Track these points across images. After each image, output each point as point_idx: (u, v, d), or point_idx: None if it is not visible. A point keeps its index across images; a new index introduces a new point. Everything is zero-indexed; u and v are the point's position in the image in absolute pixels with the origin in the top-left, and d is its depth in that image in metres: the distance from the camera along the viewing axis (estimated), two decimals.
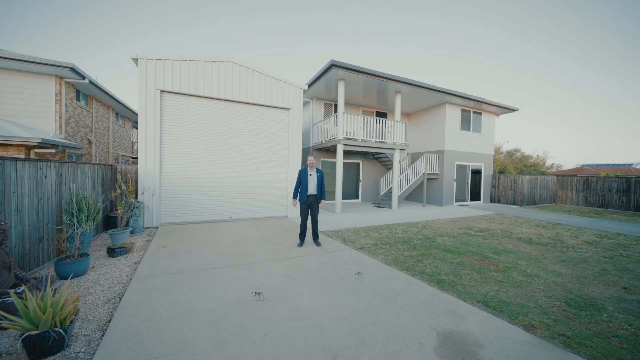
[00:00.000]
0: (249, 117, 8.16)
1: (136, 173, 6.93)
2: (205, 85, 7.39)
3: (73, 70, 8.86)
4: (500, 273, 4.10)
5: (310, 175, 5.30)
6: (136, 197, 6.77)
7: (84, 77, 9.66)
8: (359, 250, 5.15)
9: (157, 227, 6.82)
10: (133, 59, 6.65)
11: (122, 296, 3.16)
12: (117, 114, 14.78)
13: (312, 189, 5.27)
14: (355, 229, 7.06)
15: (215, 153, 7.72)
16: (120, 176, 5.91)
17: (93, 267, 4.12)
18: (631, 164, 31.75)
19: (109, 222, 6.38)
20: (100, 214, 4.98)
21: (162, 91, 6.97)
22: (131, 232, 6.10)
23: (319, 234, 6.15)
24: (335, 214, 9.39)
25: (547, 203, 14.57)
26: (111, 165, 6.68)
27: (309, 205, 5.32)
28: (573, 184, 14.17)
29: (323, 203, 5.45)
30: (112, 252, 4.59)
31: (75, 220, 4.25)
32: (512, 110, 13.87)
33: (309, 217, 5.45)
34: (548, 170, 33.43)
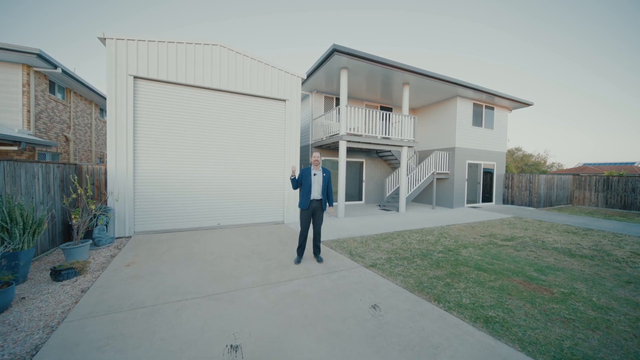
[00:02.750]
0: (239, 109, 7.14)
1: (106, 173, 5.91)
2: (187, 71, 6.38)
3: (41, 57, 7.84)
4: (561, 304, 3.11)
5: (315, 175, 4.31)
6: (105, 202, 5.75)
7: (55, 66, 8.63)
8: (370, 268, 4.15)
9: (130, 237, 5.81)
10: (100, 39, 5.63)
11: (36, 353, 2.15)
12: (101, 109, 13.74)
13: (316, 192, 4.28)
14: (362, 237, 6.06)
15: (201, 150, 6.70)
16: (75, 177, 4.89)
17: (23, 298, 3.10)
18: (633, 163, 31.25)
19: (72, 234, 5.36)
20: (46, 225, 3.97)
21: (135, 77, 5.95)
22: (95, 244, 5.09)
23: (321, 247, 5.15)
24: (337, 219, 8.40)
25: (563, 204, 13.61)
26: (75, 164, 5.66)
27: (312, 212, 4.32)
28: (592, 184, 13.21)
29: (331, 210, 4.47)
30: (56, 274, 3.58)
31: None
32: (526, 104, 12.90)
33: (311, 226, 4.46)
34: (549, 170, 32.75)
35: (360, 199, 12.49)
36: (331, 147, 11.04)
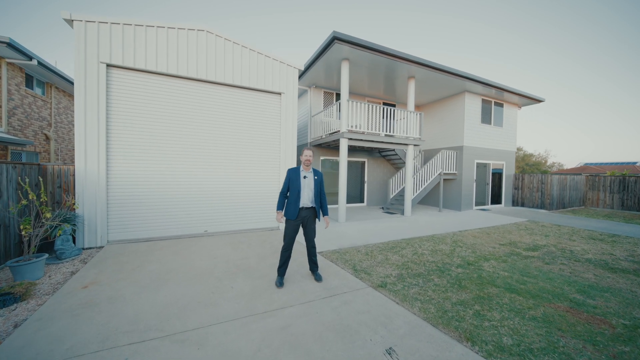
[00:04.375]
0: (230, 104, 6.43)
1: (75, 175, 5.17)
2: (169, 59, 5.66)
3: (12, 46, 7.12)
4: (631, 345, 2.40)
5: (305, 178, 3.58)
6: (73, 208, 5.03)
7: (30, 58, 7.92)
8: (379, 289, 3.44)
9: (102, 248, 5.09)
10: (66, 20, 4.92)
11: None
12: None
13: (306, 198, 3.55)
14: (366, 246, 5.35)
15: (186, 148, 5.99)
16: (27, 180, 4.16)
17: None
18: (635, 162, 31.05)
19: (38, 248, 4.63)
20: None
21: (108, 65, 5.23)
22: (57, 258, 4.37)
23: (319, 259, 4.43)
24: (338, 223, 7.69)
25: (576, 206, 12.91)
26: (38, 164, 4.94)
27: (302, 222, 3.59)
28: (606, 185, 12.51)
29: (327, 220, 3.72)
30: None
31: None
32: (537, 101, 12.20)
33: (302, 239, 3.74)
34: (549, 169, 32.37)
35: (362, 201, 11.77)
36: (331, 146, 10.34)
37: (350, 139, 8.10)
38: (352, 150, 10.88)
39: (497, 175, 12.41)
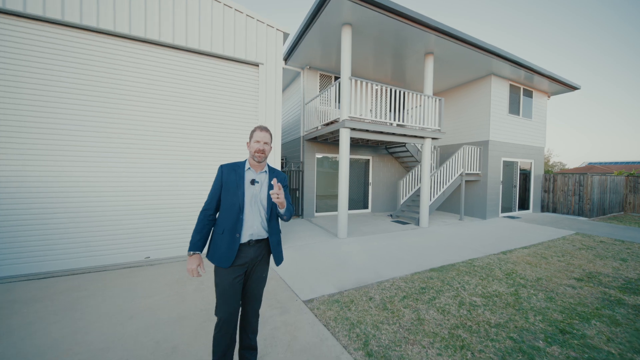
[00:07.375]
0: (187, 76, 4.56)
1: None
2: (84, 6, 3.78)
3: None
4: None
5: (255, 183, 1.74)
6: None
7: None
8: None
9: None
10: None
11: None
12: None
13: (255, 222, 1.73)
14: (380, 286, 3.49)
15: (122, 139, 4.12)
16: None
17: None
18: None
19: None
20: None
21: None
22: None
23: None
24: (338, 240, 5.83)
25: (615, 212, 11.07)
26: None
27: (247, 270, 1.73)
28: None
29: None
30: None
31: None
32: (572, 88, 10.35)
33: (242, 302, 1.81)
34: (551, 169, 31.05)
35: (366, 207, 9.91)
36: (329, 140, 8.49)
37: (353, 129, 6.23)
38: (354, 146, 9.04)
39: (523, 176, 10.56)
